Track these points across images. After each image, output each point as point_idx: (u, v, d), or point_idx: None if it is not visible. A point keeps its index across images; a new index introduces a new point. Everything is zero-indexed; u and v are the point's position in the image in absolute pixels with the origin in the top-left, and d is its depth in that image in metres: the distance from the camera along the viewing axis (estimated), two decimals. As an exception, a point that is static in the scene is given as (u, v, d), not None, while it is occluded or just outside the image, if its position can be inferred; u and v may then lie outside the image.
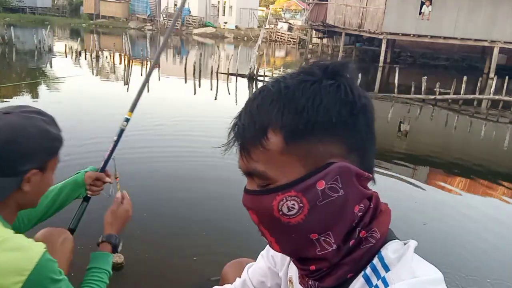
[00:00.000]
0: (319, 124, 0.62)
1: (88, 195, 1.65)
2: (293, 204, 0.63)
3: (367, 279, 0.65)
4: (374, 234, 0.67)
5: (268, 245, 1.02)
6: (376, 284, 0.63)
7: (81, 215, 1.65)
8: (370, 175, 0.67)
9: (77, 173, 1.63)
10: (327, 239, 0.66)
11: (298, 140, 0.62)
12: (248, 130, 0.65)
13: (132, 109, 1.72)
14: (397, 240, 0.69)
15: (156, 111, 6.82)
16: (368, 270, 0.66)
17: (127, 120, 1.71)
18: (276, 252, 0.96)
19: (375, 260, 0.66)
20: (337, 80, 0.64)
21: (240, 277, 1.09)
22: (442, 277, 0.61)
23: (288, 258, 0.91)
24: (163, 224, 3.08)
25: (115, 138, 1.68)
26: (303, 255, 0.69)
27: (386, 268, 0.64)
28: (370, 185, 0.70)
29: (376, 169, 0.71)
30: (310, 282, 0.71)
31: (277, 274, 0.97)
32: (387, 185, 4.19)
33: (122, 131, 1.69)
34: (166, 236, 2.91)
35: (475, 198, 4.35)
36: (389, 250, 0.66)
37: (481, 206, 4.13)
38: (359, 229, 0.67)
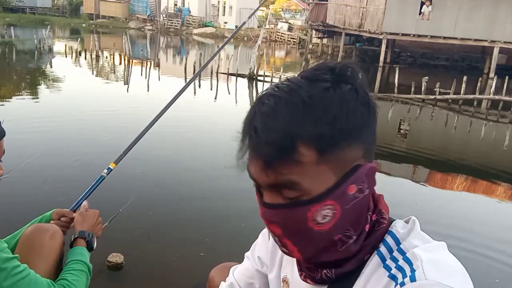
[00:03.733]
0: (351, 131, 0.63)
1: None
2: (327, 212, 0.64)
3: (381, 256, 0.69)
4: (384, 216, 0.72)
5: (252, 247, 1.00)
6: (392, 256, 0.67)
7: None
8: None
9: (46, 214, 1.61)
10: (347, 234, 0.68)
11: (332, 149, 0.62)
12: (273, 146, 0.61)
13: (117, 162, 1.72)
14: (399, 219, 0.74)
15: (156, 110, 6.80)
16: (382, 248, 0.70)
17: (109, 170, 1.70)
18: (263, 254, 0.95)
19: (388, 238, 0.70)
20: (351, 83, 0.65)
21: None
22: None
23: (278, 259, 0.90)
24: (164, 223, 3.08)
25: (93, 183, 1.67)
26: (326, 257, 0.70)
27: (398, 242, 0.69)
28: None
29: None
30: (325, 271, 0.72)
31: (264, 275, 0.96)
32: (386, 186, 4.19)
33: (102, 178, 1.70)
34: (167, 236, 2.90)
35: (475, 198, 4.34)
36: (398, 227, 0.71)
37: (481, 206, 4.13)
38: (370, 213, 0.72)
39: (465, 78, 10.78)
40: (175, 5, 35.54)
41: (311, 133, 0.60)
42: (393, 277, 0.64)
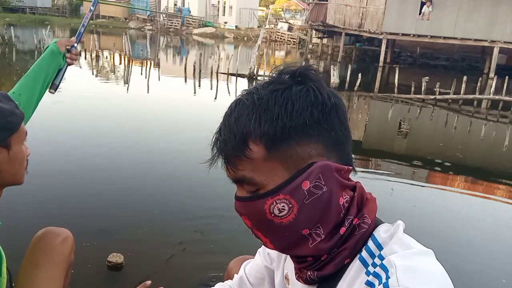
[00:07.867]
0: (295, 128, 0.66)
1: (68, 63, 1.74)
2: (283, 206, 0.68)
3: (363, 261, 0.70)
4: (365, 220, 0.72)
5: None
6: (373, 262, 0.68)
7: (62, 75, 1.74)
8: (350, 167, 0.72)
9: (47, 48, 1.72)
10: (317, 231, 0.70)
11: (278, 146, 0.67)
12: (229, 144, 0.69)
13: None
14: (385, 223, 0.75)
15: (156, 110, 6.82)
16: (364, 253, 0.70)
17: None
18: (272, 250, 0.98)
19: (369, 242, 0.71)
20: (306, 84, 0.69)
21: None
22: (433, 253, 0.65)
23: (284, 255, 0.93)
24: (165, 223, 3.08)
25: (90, 9, 1.89)
26: (297, 251, 0.73)
27: (380, 247, 0.69)
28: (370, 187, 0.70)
29: (375, 169, 0.72)
30: (309, 273, 0.74)
31: (273, 271, 0.99)
32: (385, 186, 4.19)
33: (97, 2, 1.96)
34: (167, 236, 2.91)
35: (475, 198, 4.34)
36: (381, 231, 0.71)
37: (481, 206, 4.13)
38: (351, 217, 0.71)
39: (465, 78, 10.78)
40: (175, 5, 35.56)
41: (257, 131, 0.66)
42: (370, 284, 0.65)
